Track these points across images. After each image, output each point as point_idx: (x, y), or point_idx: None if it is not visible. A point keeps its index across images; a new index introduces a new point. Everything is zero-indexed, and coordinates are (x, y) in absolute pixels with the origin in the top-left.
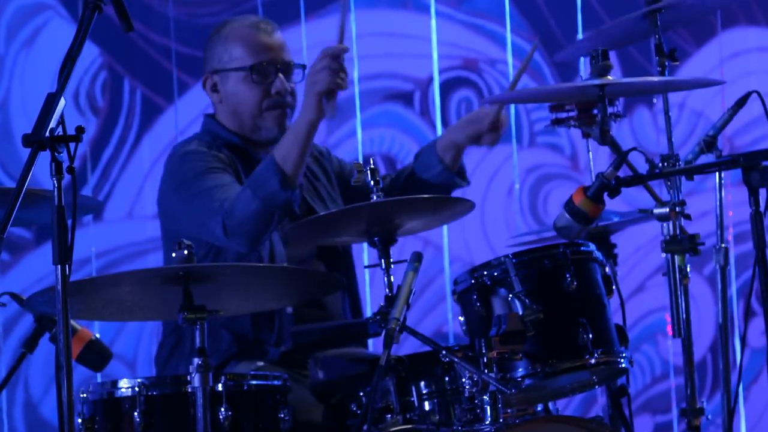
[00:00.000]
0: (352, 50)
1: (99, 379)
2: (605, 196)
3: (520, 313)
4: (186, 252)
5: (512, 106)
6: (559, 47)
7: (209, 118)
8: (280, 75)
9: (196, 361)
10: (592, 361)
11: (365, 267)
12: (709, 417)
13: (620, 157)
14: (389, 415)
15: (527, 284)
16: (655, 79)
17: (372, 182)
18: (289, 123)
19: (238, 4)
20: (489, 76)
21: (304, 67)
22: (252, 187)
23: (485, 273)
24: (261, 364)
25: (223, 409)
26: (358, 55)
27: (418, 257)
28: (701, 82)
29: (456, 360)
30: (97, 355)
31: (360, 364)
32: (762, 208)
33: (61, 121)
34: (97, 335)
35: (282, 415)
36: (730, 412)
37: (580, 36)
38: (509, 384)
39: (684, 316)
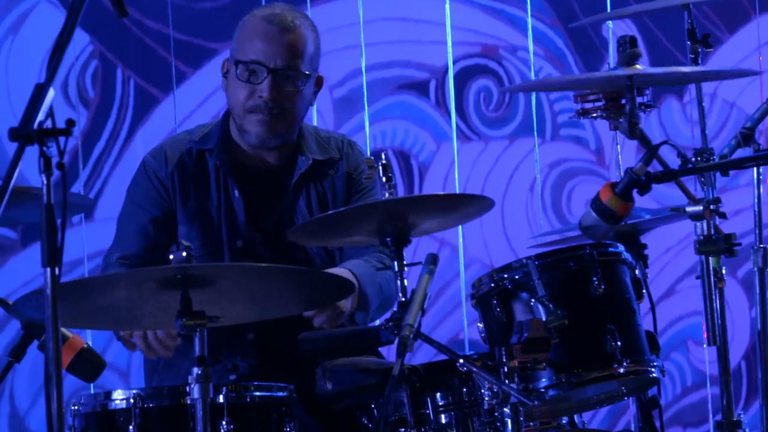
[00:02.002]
0: (360, 37)
1: (91, 391)
2: (634, 193)
3: (544, 319)
4: (184, 253)
5: (533, 96)
6: (584, 33)
7: (229, 114)
8: (269, 78)
9: (196, 371)
10: (621, 370)
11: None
12: (747, 430)
13: (650, 151)
14: (403, 429)
15: (551, 288)
16: (687, 69)
17: (384, 179)
18: (276, 132)
19: None
20: (509, 63)
21: (307, 75)
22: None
23: (506, 276)
24: (233, 377)
25: (224, 423)
26: (368, 43)
27: (433, 259)
28: (737, 72)
29: (474, 369)
30: (89, 365)
31: (371, 374)
32: None
33: (50, 114)
34: (90, 343)
35: (288, 429)
36: None
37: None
38: (532, 395)
39: (719, 321)
